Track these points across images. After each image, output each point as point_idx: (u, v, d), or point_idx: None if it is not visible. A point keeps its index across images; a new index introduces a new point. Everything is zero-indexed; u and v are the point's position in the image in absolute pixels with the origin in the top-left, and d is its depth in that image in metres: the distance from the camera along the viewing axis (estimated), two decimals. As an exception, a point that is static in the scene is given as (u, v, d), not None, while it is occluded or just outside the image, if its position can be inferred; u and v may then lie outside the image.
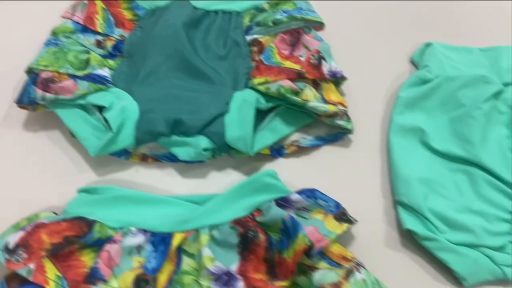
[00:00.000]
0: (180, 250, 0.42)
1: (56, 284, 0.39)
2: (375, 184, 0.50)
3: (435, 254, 0.44)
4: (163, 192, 0.49)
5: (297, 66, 0.50)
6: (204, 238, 0.42)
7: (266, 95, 0.50)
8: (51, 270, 0.40)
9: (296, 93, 0.49)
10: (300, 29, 0.54)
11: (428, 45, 0.57)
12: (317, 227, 0.42)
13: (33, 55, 0.52)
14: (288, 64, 0.51)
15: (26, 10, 0.62)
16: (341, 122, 0.50)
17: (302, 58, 0.51)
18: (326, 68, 0.51)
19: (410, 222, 0.45)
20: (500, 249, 0.44)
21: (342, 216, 0.43)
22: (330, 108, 0.49)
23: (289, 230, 0.41)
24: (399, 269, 0.45)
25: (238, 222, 0.42)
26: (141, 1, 0.58)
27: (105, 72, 0.51)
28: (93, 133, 0.49)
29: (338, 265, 0.41)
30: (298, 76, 0.50)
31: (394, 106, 0.53)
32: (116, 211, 0.43)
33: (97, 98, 0.49)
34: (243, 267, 0.41)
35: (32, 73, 0.50)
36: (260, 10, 0.57)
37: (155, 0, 0.58)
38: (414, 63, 0.58)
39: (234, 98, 0.50)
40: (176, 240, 0.42)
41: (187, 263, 0.42)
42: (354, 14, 0.62)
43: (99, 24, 0.55)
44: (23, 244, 0.39)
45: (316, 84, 0.51)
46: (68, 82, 0.49)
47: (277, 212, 0.42)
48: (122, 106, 0.48)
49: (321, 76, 0.51)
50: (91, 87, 0.49)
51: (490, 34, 0.60)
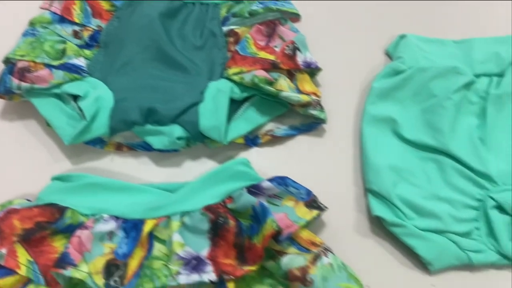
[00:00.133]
0: (151, 236, 0.43)
1: (27, 268, 0.40)
2: (348, 172, 0.51)
3: (402, 240, 0.45)
4: (138, 180, 0.49)
5: (271, 57, 0.51)
6: (175, 224, 0.42)
7: (241, 85, 0.50)
8: (23, 255, 0.40)
9: (270, 83, 0.49)
10: (276, 20, 0.54)
11: (402, 36, 0.57)
12: (287, 214, 0.43)
13: (12, 46, 0.53)
14: (263, 54, 0.51)
15: (5, 1, 0.62)
16: (314, 112, 0.50)
17: (277, 49, 0.52)
18: (300, 58, 0.52)
19: (379, 209, 0.46)
20: (466, 235, 0.45)
21: (312, 203, 0.44)
22: (303, 98, 0.49)
23: (258, 216, 0.41)
24: (368, 254, 0.46)
25: (209, 209, 0.43)
26: (119, -9, 0.58)
27: (80, 61, 0.51)
28: (68, 122, 0.49)
29: (307, 250, 0.42)
30: (272, 66, 0.50)
31: (367, 97, 0.53)
32: (88, 198, 0.44)
33: (72, 87, 0.49)
34: (213, 253, 0.41)
35: (9, 63, 0.51)
36: (237, 1, 0.57)
37: (133, -10, 0.58)
38: (389, 55, 0.58)
39: (208, 87, 0.50)
40: (147, 226, 0.42)
41: (158, 249, 0.43)
42: (330, 6, 0.63)
43: (76, 14, 0.55)
44: (-5, 229, 0.40)
45: (291, 74, 0.52)
46: (43, 72, 0.49)
47: (247, 199, 0.43)
48: (97, 95, 0.49)
49: (295, 66, 0.51)
50: (66, 77, 0.49)
51: (464, 26, 0.61)
